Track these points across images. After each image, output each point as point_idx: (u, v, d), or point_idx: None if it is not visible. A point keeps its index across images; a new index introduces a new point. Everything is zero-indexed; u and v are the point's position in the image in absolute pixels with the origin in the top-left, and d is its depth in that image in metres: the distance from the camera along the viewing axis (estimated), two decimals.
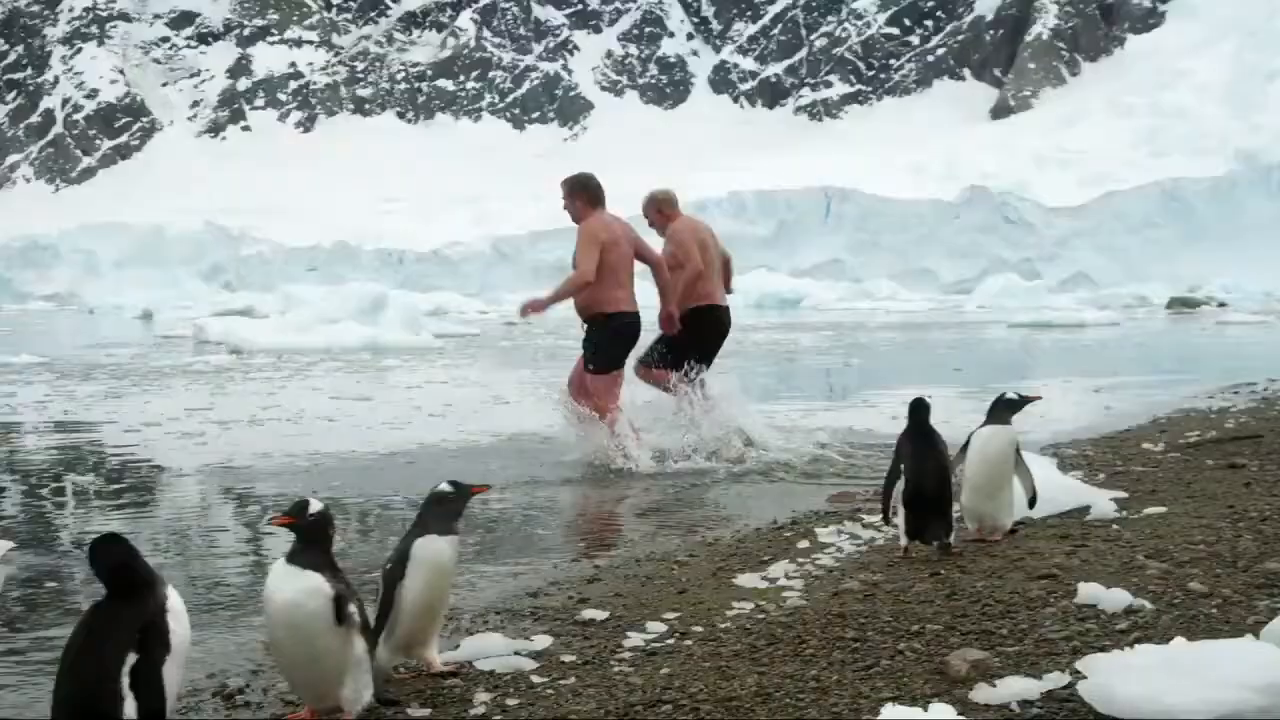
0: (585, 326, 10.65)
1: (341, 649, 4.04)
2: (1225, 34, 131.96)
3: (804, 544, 6.83)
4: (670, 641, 5.02)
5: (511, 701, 4.32)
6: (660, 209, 11.40)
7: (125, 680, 3.37)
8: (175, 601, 3.61)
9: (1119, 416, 13.29)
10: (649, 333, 11.04)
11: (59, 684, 3.46)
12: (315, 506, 4.11)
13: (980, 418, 6.55)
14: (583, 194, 10.65)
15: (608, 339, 10.48)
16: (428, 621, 4.66)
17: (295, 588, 3.98)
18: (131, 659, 3.39)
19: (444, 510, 4.67)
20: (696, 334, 11.15)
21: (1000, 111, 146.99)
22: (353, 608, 4.00)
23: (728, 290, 11.72)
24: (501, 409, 15.10)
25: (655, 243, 11.32)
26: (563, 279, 10.63)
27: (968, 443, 6.42)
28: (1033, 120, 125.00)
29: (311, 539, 4.07)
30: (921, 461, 6.08)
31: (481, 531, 8.04)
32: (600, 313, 10.44)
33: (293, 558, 4.05)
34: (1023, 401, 6.49)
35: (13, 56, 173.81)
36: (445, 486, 4.72)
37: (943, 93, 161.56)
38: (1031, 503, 6.58)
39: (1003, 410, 6.43)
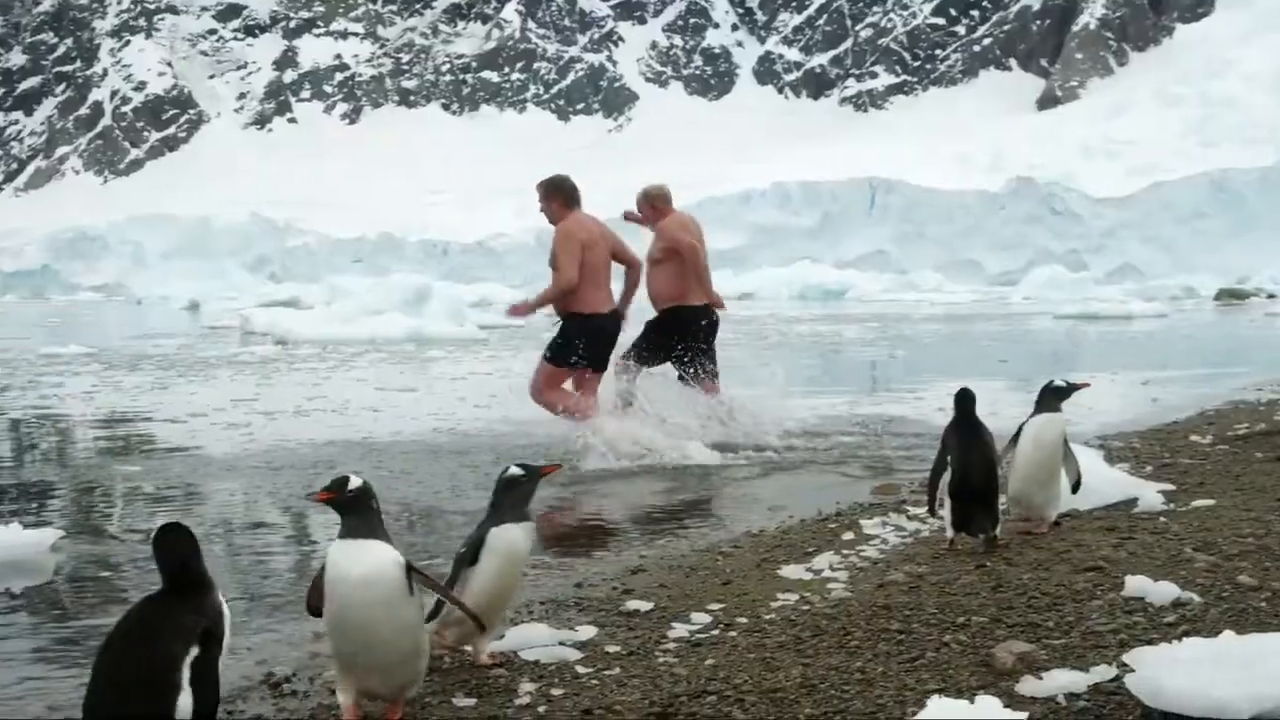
0: (558, 322, 10.71)
1: (416, 621, 4.05)
2: (1275, 23, 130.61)
3: (849, 536, 6.81)
4: (715, 632, 5.02)
5: (556, 691, 4.33)
6: (654, 204, 11.48)
7: (185, 674, 3.36)
8: (223, 605, 3.63)
9: (1166, 408, 13.19)
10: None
11: (101, 672, 3.40)
12: (355, 481, 4.05)
13: (1027, 409, 6.52)
14: (559, 196, 10.74)
15: (579, 337, 10.48)
16: (494, 612, 4.65)
17: (366, 563, 3.91)
18: (193, 654, 3.39)
19: (516, 495, 4.64)
20: (677, 333, 11.15)
21: (1047, 102, 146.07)
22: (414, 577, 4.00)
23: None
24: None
25: (645, 240, 11.38)
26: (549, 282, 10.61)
27: (1019, 432, 6.38)
28: (1080, 110, 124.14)
29: (358, 512, 4.01)
30: (968, 453, 6.04)
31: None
32: (576, 312, 10.50)
33: (350, 533, 3.99)
34: (1071, 389, 6.46)
35: (62, 49, 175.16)
36: (515, 470, 4.69)
37: (989, 83, 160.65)
38: (1075, 487, 6.54)
39: (1052, 398, 6.39)
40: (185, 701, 3.33)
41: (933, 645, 4.61)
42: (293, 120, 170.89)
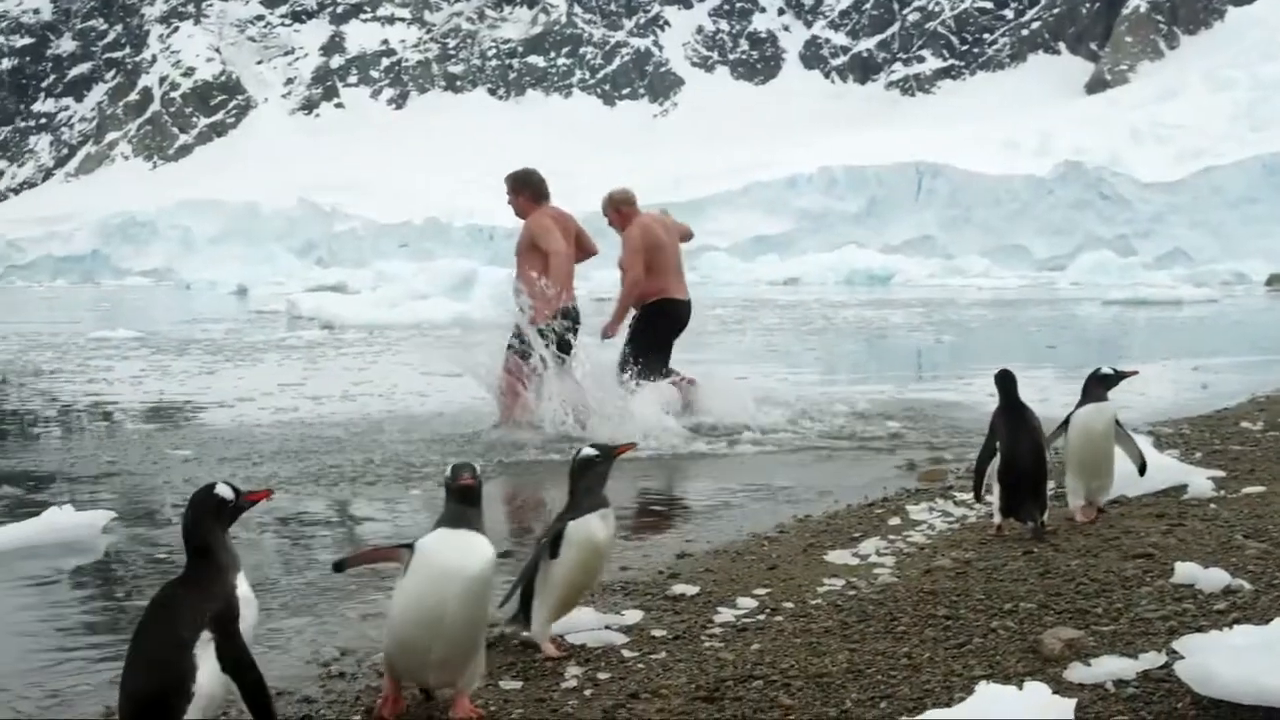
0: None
1: (488, 616, 4.05)
2: None
3: (895, 521, 6.80)
4: (761, 617, 5.02)
5: (602, 675, 4.34)
6: (619, 209, 11.58)
7: (198, 661, 3.37)
8: (245, 589, 3.57)
9: (1216, 395, 13.09)
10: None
11: (127, 658, 3.48)
12: (479, 467, 4.01)
13: (1076, 395, 6.48)
14: (526, 190, 10.93)
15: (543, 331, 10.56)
16: (572, 603, 4.66)
17: (475, 559, 3.85)
18: (204, 638, 3.40)
19: (592, 478, 4.60)
20: (654, 329, 11.29)
21: (1096, 85, 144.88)
22: None
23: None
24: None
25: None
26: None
27: (1067, 421, 6.34)
28: (1129, 94, 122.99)
29: (471, 502, 3.95)
30: (1016, 439, 6.01)
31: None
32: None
33: (454, 521, 3.91)
34: (1119, 377, 6.40)
35: (112, 36, 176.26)
36: (590, 450, 4.66)
37: (1037, 67, 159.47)
38: (1141, 470, 6.51)
39: (1098, 386, 6.34)
40: (207, 686, 3.36)
41: (980, 631, 4.60)
42: (340, 105, 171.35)
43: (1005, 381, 6.16)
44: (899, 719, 3.66)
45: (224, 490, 3.62)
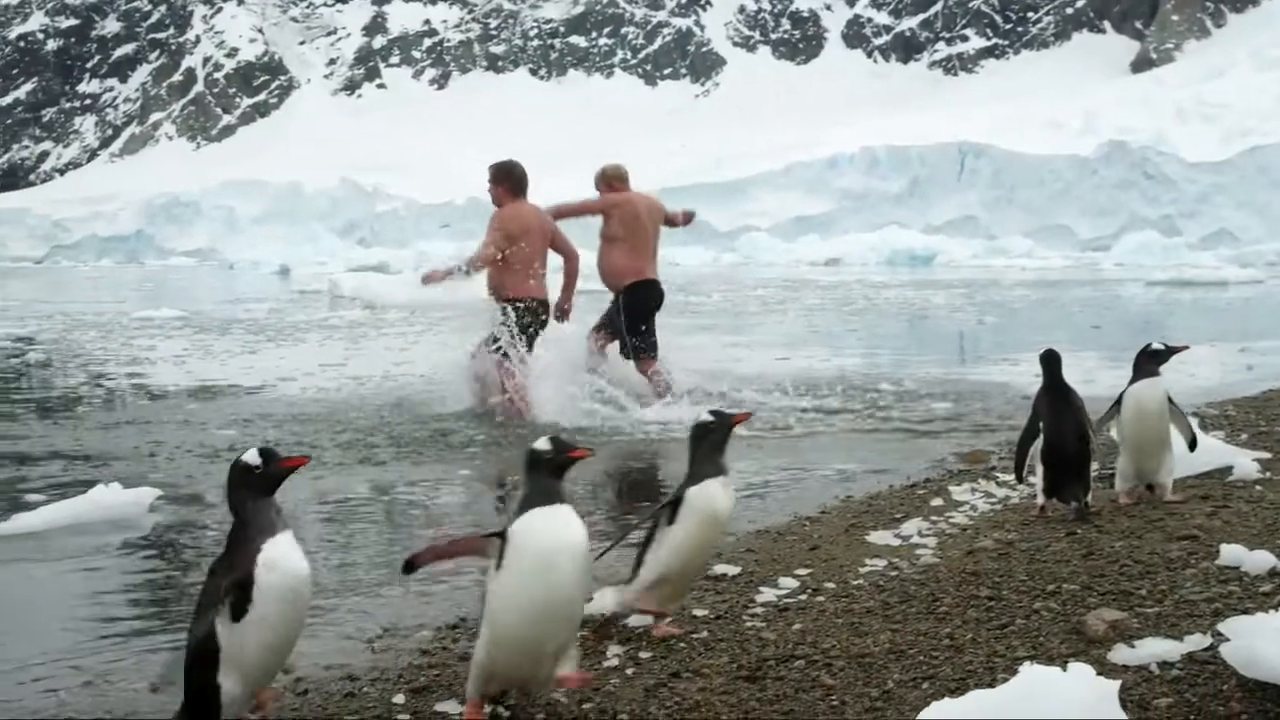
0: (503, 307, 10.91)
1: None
2: None
3: (937, 502, 6.78)
4: (802, 597, 5.02)
5: (644, 654, 4.35)
6: (610, 184, 11.74)
7: (216, 624, 3.43)
8: (280, 551, 3.48)
9: (1262, 376, 12.98)
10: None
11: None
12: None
13: (1120, 375, 6.44)
14: (507, 182, 11.07)
15: (508, 322, 10.70)
16: (693, 574, 4.56)
17: (578, 533, 3.67)
18: (222, 611, 3.44)
19: (710, 445, 4.51)
20: (629, 309, 11.37)
21: (1141, 64, 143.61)
22: None
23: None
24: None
25: None
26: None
27: (1119, 400, 6.28)
28: (1175, 73, 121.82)
29: (560, 475, 3.79)
30: (1060, 419, 5.98)
31: (615, 484, 8.10)
32: (507, 297, 10.76)
33: (550, 497, 3.70)
34: (1169, 352, 6.32)
35: (156, 16, 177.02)
36: (707, 416, 4.57)
37: (1082, 46, 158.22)
38: (1191, 446, 6.46)
39: (1150, 362, 6.27)
40: (232, 653, 3.44)
41: (1023, 612, 4.58)
42: (382, 86, 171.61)
43: (1050, 361, 6.13)
44: (941, 700, 3.66)
45: (250, 457, 3.60)
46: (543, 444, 3.80)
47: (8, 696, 4.24)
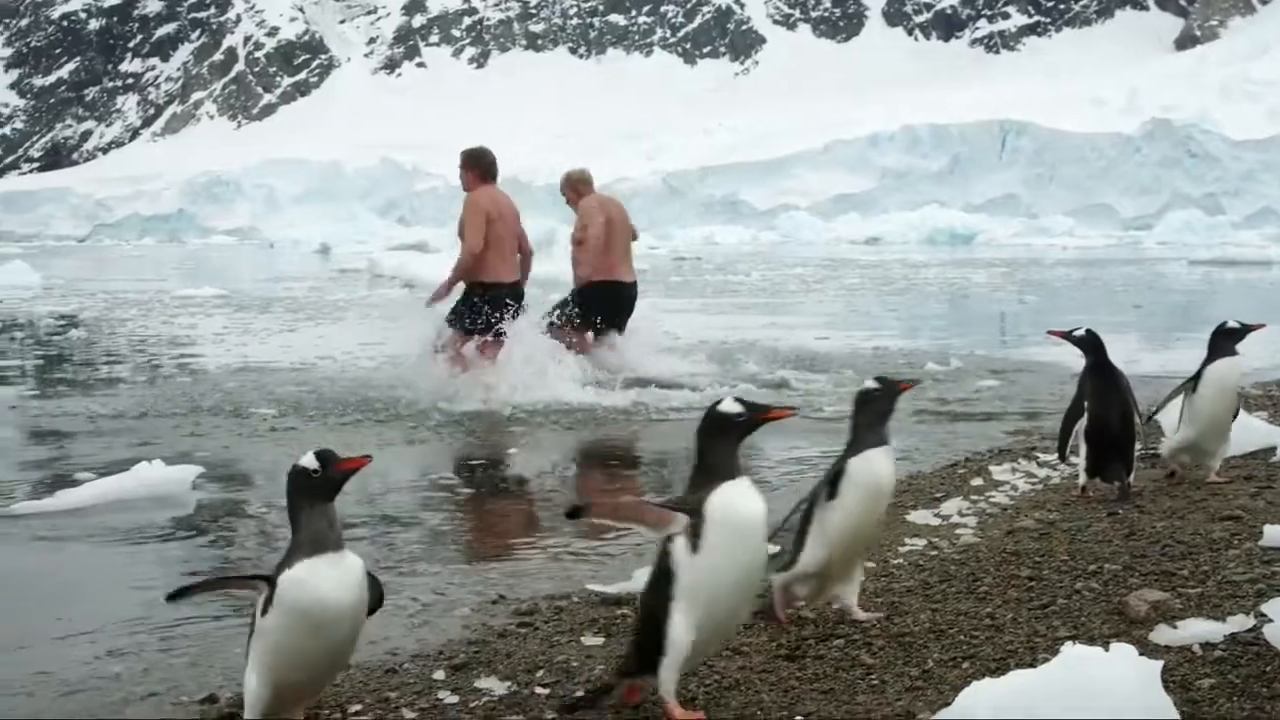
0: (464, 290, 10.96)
1: None
2: None
3: (977, 481, 6.76)
4: None
5: None
6: (575, 188, 11.89)
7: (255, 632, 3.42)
8: (310, 571, 3.31)
9: None
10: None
11: None
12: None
13: (1163, 355, 6.40)
14: (476, 168, 11.07)
15: (478, 305, 10.73)
16: (856, 553, 4.33)
17: (763, 505, 3.57)
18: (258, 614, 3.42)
19: (872, 414, 4.35)
20: (598, 307, 11.48)
21: (1185, 42, 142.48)
22: None
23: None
24: (670, 346, 15.16)
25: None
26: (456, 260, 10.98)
27: (1196, 378, 6.16)
28: (1219, 51, 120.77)
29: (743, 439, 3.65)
30: (1105, 398, 5.94)
31: (654, 462, 8.10)
32: (479, 281, 10.77)
33: (732, 470, 3.56)
34: (1245, 330, 6.25)
35: None
36: (871, 384, 4.39)
37: (1125, 23, 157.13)
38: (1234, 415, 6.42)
39: (1227, 340, 6.20)
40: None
41: (1064, 592, 4.57)
42: (421, 65, 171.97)
43: (1092, 341, 6.09)
44: (981, 679, 3.65)
45: (308, 460, 3.47)
46: (730, 405, 3.68)
47: (50, 668, 4.27)
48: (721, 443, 3.60)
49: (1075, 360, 6.87)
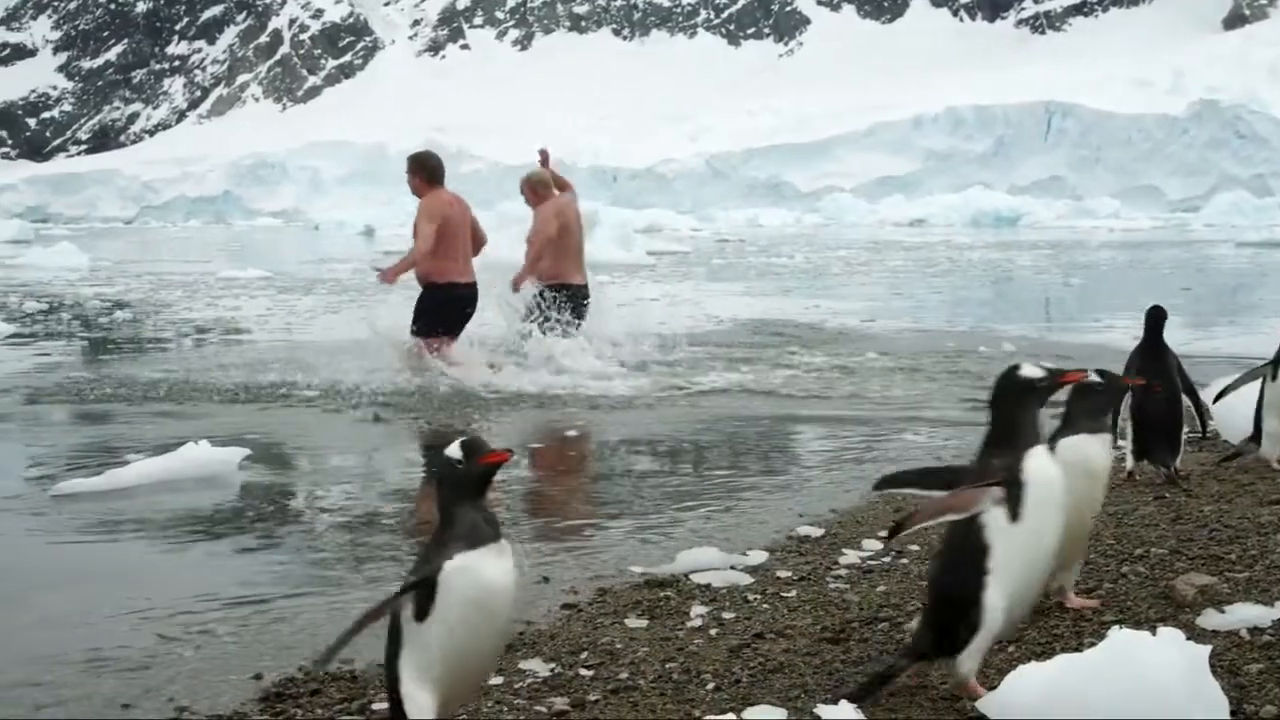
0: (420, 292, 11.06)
1: None
2: None
3: None
4: (886, 559, 5.01)
5: (728, 615, 4.36)
6: (535, 190, 12.10)
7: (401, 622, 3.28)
8: (472, 561, 3.21)
9: None
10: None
11: None
12: None
13: (1211, 339, 6.34)
14: (421, 172, 11.18)
15: (436, 306, 10.88)
16: (1074, 540, 4.00)
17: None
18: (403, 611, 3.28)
19: (1090, 405, 4.29)
20: (556, 307, 11.68)
21: (1234, 21, 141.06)
22: None
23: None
24: (713, 326, 15.16)
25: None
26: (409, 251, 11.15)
27: (1278, 362, 5.99)
28: (1268, 30, 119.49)
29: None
30: (1153, 381, 5.88)
31: (698, 448, 8.10)
32: (433, 282, 10.89)
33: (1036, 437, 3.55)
34: None
35: None
36: (1094, 377, 4.29)
37: (1171, 2, 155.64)
38: None
39: None
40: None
41: (1110, 576, 4.55)
42: (465, 47, 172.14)
43: (1154, 318, 6.00)
44: (1028, 663, 3.63)
45: (453, 450, 3.34)
46: (1032, 369, 3.60)
47: (96, 644, 4.30)
48: (1023, 407, 3.56)
49: (1129, 342, 6.81)
